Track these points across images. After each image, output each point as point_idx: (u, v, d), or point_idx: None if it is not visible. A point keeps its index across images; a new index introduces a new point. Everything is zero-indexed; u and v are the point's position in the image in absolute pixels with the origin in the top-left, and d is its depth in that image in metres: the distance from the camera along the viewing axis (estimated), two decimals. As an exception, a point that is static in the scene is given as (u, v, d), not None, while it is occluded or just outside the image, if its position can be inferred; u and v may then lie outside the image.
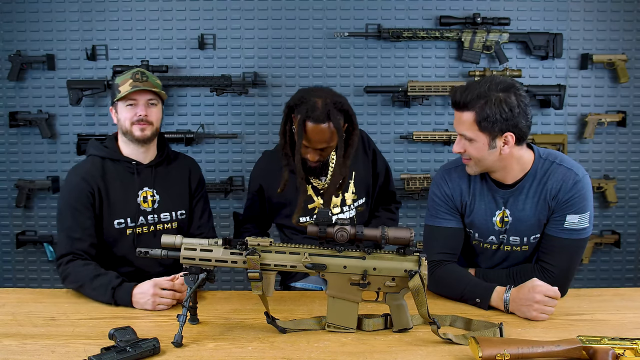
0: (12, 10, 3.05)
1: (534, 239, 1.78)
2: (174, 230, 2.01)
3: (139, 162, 1.98)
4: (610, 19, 3.11)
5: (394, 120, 3.15)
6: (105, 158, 1.96)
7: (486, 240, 1.82)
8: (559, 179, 1.70)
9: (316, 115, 1.87)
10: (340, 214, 2.09)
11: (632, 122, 3.18)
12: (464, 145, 1.69)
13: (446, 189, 1.82)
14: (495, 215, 1.78)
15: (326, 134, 1.90)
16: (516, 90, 1.63)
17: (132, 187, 1.96)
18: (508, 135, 1.64)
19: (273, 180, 2.07)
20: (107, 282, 1.74)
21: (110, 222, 1.92)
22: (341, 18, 3.08)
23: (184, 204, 2.05)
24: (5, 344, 1.45)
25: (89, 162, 1.97)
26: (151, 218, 1.98)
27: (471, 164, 1.73)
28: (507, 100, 1.61)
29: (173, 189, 2.03)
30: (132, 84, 1.90)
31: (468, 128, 1.66)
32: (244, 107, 3.13)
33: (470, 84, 1.67)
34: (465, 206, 1.82)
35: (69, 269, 1.83)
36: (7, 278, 3.23)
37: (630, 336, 1.38)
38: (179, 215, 2.03)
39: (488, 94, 1.61)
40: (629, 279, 3.30)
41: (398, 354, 1.40)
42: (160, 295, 1.69)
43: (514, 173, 1.73)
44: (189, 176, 2.08)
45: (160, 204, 1.99)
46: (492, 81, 1.64)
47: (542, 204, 1.73)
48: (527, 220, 1.75)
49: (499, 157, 1.68)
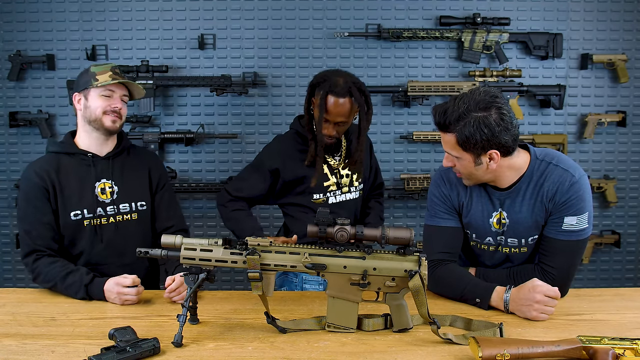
0: (12, 10, 3.05)
1: (532, 241, 1.78)
2: (134, 221, 2.02)
3: (94, 154, 1.99)
4: (610, 19, 3.11)
5: (394, 120, 3.15)
6: (60, 153, 1.98)
7: (483, 242, 1.82)
8: (556, 181, 1.69)
9: (338, 90, 2.04)
10: (348, 193, 2.23)
11: (632, 122, 3.18)
12: (453, 160, 1.69)
13: (444, 189, 1.83)
14: (492, 217, 1.78)
15: (346, 107, 2.06)
16: (497, 107, 1.59)
17: (89, 178, 1.97)
18: (493, 153, 1.62)
19: (290, 160, 2.18)
20: (79, 279, 1.79)
21: (66, 214, 1.93)
22: (341, 18, 3.08)
23: (144, 195, 2.06)
24: (5, 344, 1.45)
25: (44, 158, 1.99)
26: (110, 209, 1.98)
27: (463, 178, 1.75)
28: (486, 121, 1.57)
29: (132, 180, 2.04)
30: (112, 76, 1.95)
31: (452, 148, 1.66)
32: (244, 107, 3.13)
33: (450, 104, 1.62)
34: (462, 206, 1.81)
35: (37, 268, 1.86)
36: (7, 278, 3.24)
37: (630, 336, 1.38)
38: (139, 207, 2.04)
39: (467, 116, 1.58)
40: (629, 279, 3.30)
41: (398, 354, 1.40)
42: (124, 293, 1.74)
43: (508, 179, 1.72)
44: (149, 170, 2.09)
45: (119, 195, 2.00)
46: (472, 99, 1.59)
47: (539, 206, 1.72)
48: (524, 222, 1.75)
49: (487, 171, 1.67)
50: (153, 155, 2.19)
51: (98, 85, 1.93)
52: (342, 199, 2.22)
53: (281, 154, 2.20)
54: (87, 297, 1.78)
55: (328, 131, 2.10)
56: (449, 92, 2.99)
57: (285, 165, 2.18)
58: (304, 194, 2.19)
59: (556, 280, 1.71)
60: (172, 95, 3.10)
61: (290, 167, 2.17)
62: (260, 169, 2.21)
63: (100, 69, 1.96)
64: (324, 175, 2.19)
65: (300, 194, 2.19)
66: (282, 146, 2.23)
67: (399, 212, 3.24)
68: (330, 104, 2.05)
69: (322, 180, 2.19)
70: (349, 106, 2.06)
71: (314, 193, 2.19)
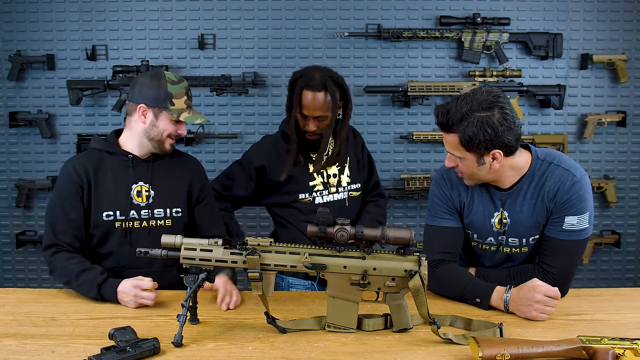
0: (12, 10, 3.06)
1: (532, 240, 1.78)
2: (168, 227, 1.96)
3: (135, 156, 1.95)
4: (610, 19, 3.11)
5: (394, 120, 3.15)
6: (102, 151, 1.94)
7: (485, 242, 1.82)
8: (557, 181, 1.69)
9: (313, 84, 2.06)
10: (336, 194, 2.22)
11: (632, 122, 3.18)
12: (455, 160, 1.70)
13: (445, 189, 1.83)
14: (494, 217, 1.78)
15: (322, 101, 2.07)
16: (500, 107, 1.59)
17: (125, 180, 1.92)
18: (496, 153, 1.62)
19: (277, 159, 2.18)
20: (92, 278, 1.76)
21: (98, 213, 1.89)
22: (341, 18, 3.08)
23: (180, 202, 1.99)
24: (5, 344, 1.45)
25: (85, 154, 1.96)
26: (144, 213, 1.93)
27: (465, 178, 1.75)
28: (489, 121, 1.58)
29: (170, 185, 1.98)
30: (187, 103, 1.91)
31: (454, 148, 1.66)
32: (244, 107, 3.13)
33: (453, 104, 1.62)
34: (463, 207, 1.82)
35: (54, 261, 1.84)
36: (7, 278, 3.23)
37: (630, 336, 1.38)
38: (174, 213, 1.97)
39: (470, 116, 1.58)
40: (629, 279, 3.30)
41: (398, 354, 1.40)
42: (142, 297, 1.70)
43: (509, 179, 1.72)
44: (191, 179, 2.03)
45: (155, 200, 1.95)
46: (475, 99, 1.60)
47: (540, 206, 1.72)
48: (525, 222, 1.75)
49: (490, 171, 1.68)
50: (196, 164, 2.09)
51: (173, 114, 1.88)
52: (330, 199, 2.21)
53: (268, 153, 2.20)
54: (99, 297, 1.74)
55: (308, 127, 2.11)
56: (449, 92, 2.99)
57: (272, 164, 2.18)
58: (289, 194, 2.18)
59: (557, 279, 1.71)
60: (172, 95, 3.10)
61: (276, 166, 2.17)
62: (246, 167, 2.21)
63: (177, 90, 1.89)
64: (309, 174, 2.18)
65: (286, 193, 2.19)
66: (269, 145, 2.23)
67: (399, 212, 3.24)
68: (307, 99, 2.07)
69: (307, 179, 2.18)
70: (324, 99, 2.07)
71: (299, 193, 2.18)
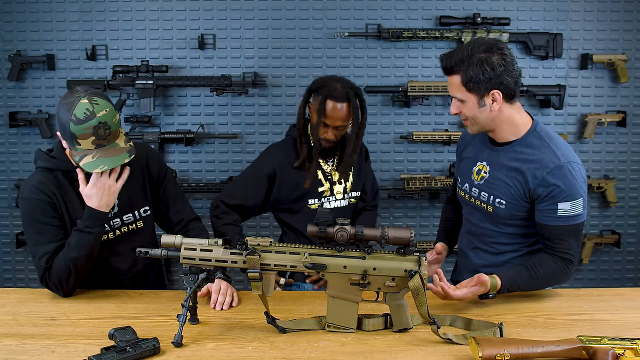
0: (12, 10, 3.06)
1: (498, 204, 1.80)
2: (140, 229, 1.91)
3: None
4: (610, 19, 3.11)
5: (394, 120, 3.15)
6: (54, 170, 1.80)
7: (462, 187, 1.92)
8: (540, 159, 1.72)
9: (337, 95, 2.11)
10: (342, 200, 2.27)
11: (632, 122, 3.18)
12: (459, 106, 1.78)
13: (465, 132, 1.98)
14: (476, 165, 1.87)
15: (344, 112, 2.13)
16: (498, 49, 1.70)
17: None
18: (495, 93, 1.71)
19: (288, 166, 2.21)
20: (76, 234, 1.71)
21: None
22: (341, 18, 3.08)
23: (146, 200, 1.93)
24: (5, 344, 1.45)
25: (38, 174, 1.79)
26: (115, 222, 1.86)
27: (468, 124, 1.82)
28: (489, 60, 1.68)
29: (131, 188, 1.87)
30: (97, 146, 1.67)
31: (457, 90, 1.75)
32: (244, 107, 3.13)
33: (456, 49, 1.77)
34: (462, 149, 1.97)
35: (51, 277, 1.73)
36: (7, 278, 3.24)
37: (630, 336, 1.38)
38: (143, 213, 1.92)
39: (471, 56, 1.69)
40: (629, 279, 3.31)
41: (398, 354, 1.40)
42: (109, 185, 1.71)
43: (504, 134, 1.79)
44: (147, 165, 1.93)
45: (120, 207, 1.86)
46: (476, 43, 1.72)
47: (516, 175, 1.75)
48: (499, 182, 1.79)
49: (490, 116, 1.74)
50: (145, 148, 1.97)
51: (75, 157, 1.70)
52: (337, 205, 2.24)
53: (279, 159, 2.22)
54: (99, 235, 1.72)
55: (327, 135, 2.16)
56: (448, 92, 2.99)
57: (283, 170, 2.20)
58: (299, 200, 2.21)
59: (575, 260, 1.75)
60: (172, 95, 3.10)
61: (287, 172, 2.20)
62: (257, 175, 2.21)
63: (81, 131, 1.63)
64: (318, 180, 2.22)
65: (296, 200, 2.21)
66: (279, 152, 2.25)
67: (399, 212, 3.24)
68: (329, 108, 2.11)
69: (316, 185, 2.21)
70: (347, 111, 2.13)
71: (309, 198, 2.20)
